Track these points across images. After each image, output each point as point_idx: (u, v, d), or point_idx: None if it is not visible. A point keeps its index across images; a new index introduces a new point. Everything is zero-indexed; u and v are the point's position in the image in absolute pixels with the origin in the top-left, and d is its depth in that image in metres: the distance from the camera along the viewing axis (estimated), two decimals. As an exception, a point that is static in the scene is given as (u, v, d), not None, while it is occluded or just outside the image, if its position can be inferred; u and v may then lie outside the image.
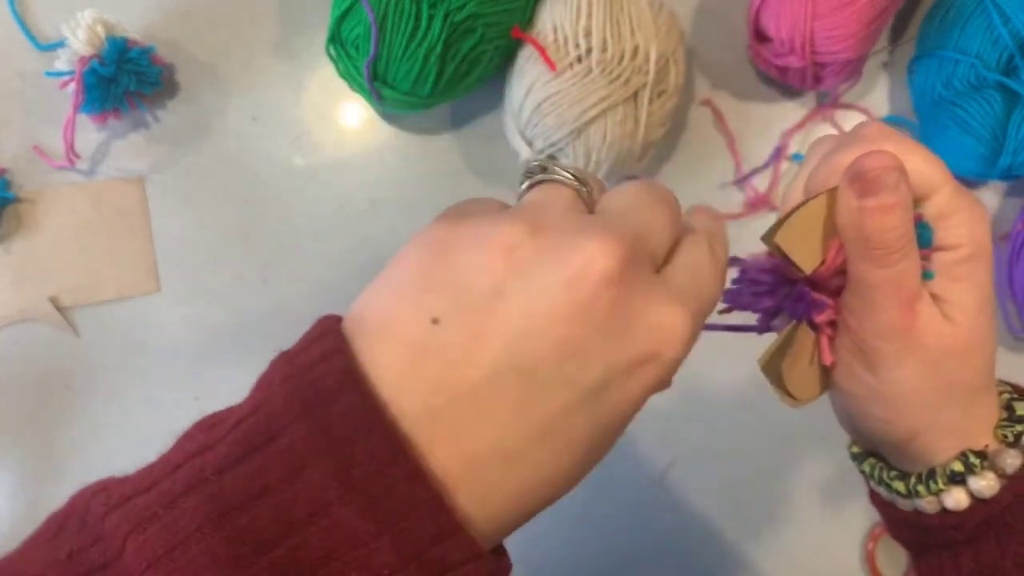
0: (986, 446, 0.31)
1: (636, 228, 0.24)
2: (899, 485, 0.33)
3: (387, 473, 0.21)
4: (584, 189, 0.26)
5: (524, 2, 0.53)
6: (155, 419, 0.57)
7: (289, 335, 0.59)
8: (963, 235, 0.31)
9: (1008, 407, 0.33)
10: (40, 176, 0.57)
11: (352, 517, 0.21)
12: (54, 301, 0.57)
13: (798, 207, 0.30)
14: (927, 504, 0.32)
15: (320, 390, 0.23)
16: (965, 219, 0.31)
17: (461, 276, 0.23)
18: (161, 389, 0.57)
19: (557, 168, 0.27)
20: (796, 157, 0.59)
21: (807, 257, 0.30)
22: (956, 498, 0.31)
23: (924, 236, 0.30)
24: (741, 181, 0.59)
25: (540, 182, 0.27)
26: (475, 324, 0.23)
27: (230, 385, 0.64)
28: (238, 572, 0.21)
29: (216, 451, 0.23)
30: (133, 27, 0.56)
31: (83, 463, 0.56)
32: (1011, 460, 0.30)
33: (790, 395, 0.32)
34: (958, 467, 0.31)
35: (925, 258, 0.31)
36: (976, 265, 0.31)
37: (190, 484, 0.23)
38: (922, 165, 0.32)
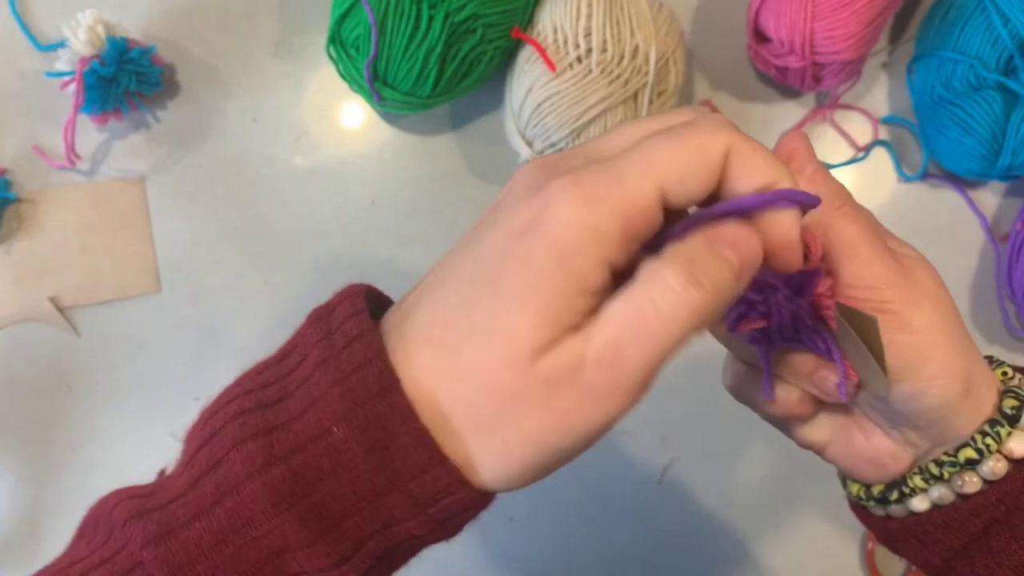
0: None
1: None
2: (919, 481, 0.32)
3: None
4: None
5: (524, 3, 0.53)
6: (155, 419, 0.57)
7: (288, 335, 0.59)
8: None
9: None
10: (41, 176, 0.57)
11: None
12: (55, 301, 0.57)
13: None
14: (986, 469, 0.31)
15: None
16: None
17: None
18: (161, 389, 0.57)
19: None
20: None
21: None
22: (1015, 445, 0.30)
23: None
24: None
25: None
26: None
27: (230, 385, 0.63)
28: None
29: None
30: (134, 27, 0.56)
31: (83, 463, 0.56)
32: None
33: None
34: (1011, 407, 0.31)
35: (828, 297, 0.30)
36: (852, 209, 0.31)
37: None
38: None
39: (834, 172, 0.61)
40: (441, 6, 0.50)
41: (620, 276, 0.25)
